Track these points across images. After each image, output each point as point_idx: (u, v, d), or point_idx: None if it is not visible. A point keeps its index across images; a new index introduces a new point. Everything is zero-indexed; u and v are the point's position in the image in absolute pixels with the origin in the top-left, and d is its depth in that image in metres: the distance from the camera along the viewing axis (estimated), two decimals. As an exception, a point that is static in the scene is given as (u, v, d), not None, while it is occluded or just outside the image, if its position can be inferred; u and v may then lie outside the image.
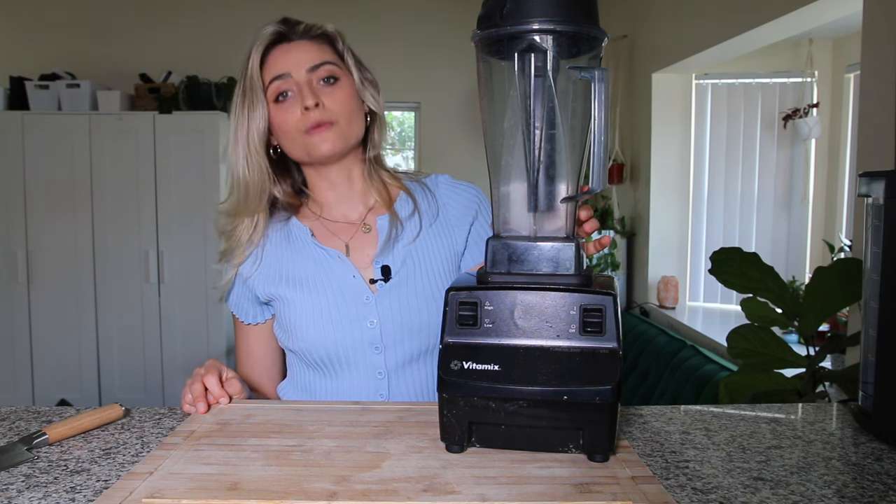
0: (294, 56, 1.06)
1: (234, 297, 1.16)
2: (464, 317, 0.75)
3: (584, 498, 0.65)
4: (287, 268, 1.10)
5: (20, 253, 4.08)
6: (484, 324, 0.74)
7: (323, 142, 1.05)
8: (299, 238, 1.11)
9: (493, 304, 0.74)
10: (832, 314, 1.72)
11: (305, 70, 1.05)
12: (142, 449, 0.81)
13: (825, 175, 4.04)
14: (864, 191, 0.88)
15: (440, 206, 1.15)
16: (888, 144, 1.73)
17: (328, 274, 1.08)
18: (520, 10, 0.73)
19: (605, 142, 0.73)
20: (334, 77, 1.07)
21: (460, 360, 0.73)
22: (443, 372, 0.74)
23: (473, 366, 0.73)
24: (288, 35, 1.07)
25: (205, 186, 4.08)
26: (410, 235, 1.11)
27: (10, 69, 4.22)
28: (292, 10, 1.20)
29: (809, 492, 0.70)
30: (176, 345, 4.17)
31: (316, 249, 1.10)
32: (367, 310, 1.06)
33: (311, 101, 1.03)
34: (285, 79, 1.05)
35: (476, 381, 0.72)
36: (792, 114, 3.71)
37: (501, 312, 0.74)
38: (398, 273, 1.08)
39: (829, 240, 3.78)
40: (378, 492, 0.66)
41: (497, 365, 0.73)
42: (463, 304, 0.75)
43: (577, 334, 0.73)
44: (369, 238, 1.11)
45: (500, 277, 0.77)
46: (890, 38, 1.75)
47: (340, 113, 1.06)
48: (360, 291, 1.07)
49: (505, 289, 0.75)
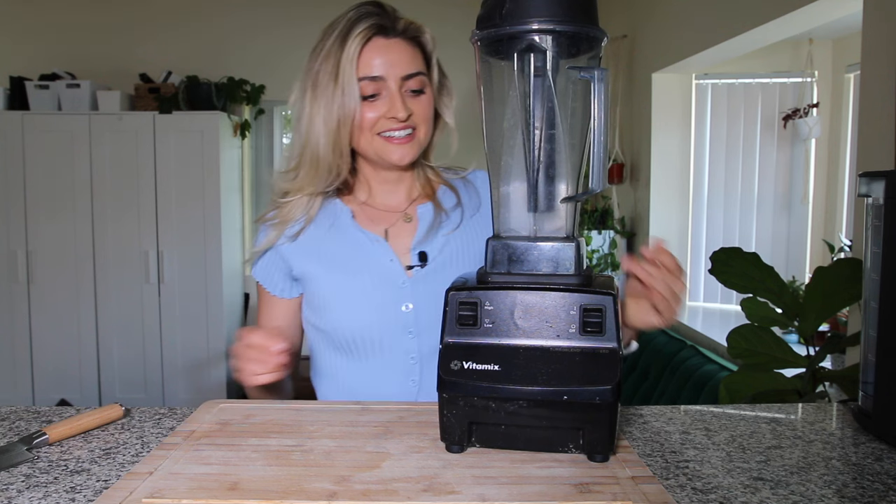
0: (391, 58, 1.04)
1: (263, 267, 1.14)
2: (464, 317, 0.74)
3: (584, 498, 0.65)
4: (325, 246, 1.10)
5: (20, 253, 4.08)
6: (484, 324, 0.74)
7: (399, 151, 1.05)
8: (340, 219, 1.11)
9: (493, 304, 0.74)
10: (832, 314, 1.72)
11: (400, 77, 1.04)
12: (142, 449, 0.81)
13: (825, 175, 4.04)
14: (864, 191, 0.88)
15: (482, 199, 1.17)
16: (888, 144, 1.73)
17: (365, 256, 1.09)
18: (519, 11, 0.73)
19: (605, 141, 0.73)
20: (422, 88, 1.07)
21: (460, 360, 0.73)
22: (443, 372, 0.74)
23: (473, 366, 0.73)
24: (387, 29, 1.04)
25: (205, 186, 4.08)
26: (451, 226, 1.12)
27: (10, 69, 4.22)
28: (293, 10, 1.19)
29: (809, 492, 0.70)
30: (176, 345, 4.17)
31: (355, 232, 1.10)
32: (402, 294, 1.07)
33: (402, 114, 1.03)
34: (377, 81, 1.03)
35: (476, 381, 0.72)
36: (792, 114, 3.71)
37: (501, 312, 0.74)
38: (435, 260, 1.09)
39: (829, 240, 3.78)
40: (378, 492, 0.66)
41: (497, 365, 0.72)
42: (463, 304, 0.75)
43: (578, 334, 0.73)
44: (409, 227, 1.12)
45: (500, 277, 0.77)
46: (890, 38, 1.75)
47: (421, 123, 1.07)
48: (396, 275, 1.08)
49: (505, 289, 0.75)
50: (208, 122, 4.06)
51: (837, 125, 3.95)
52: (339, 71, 1.02)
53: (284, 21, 4.38)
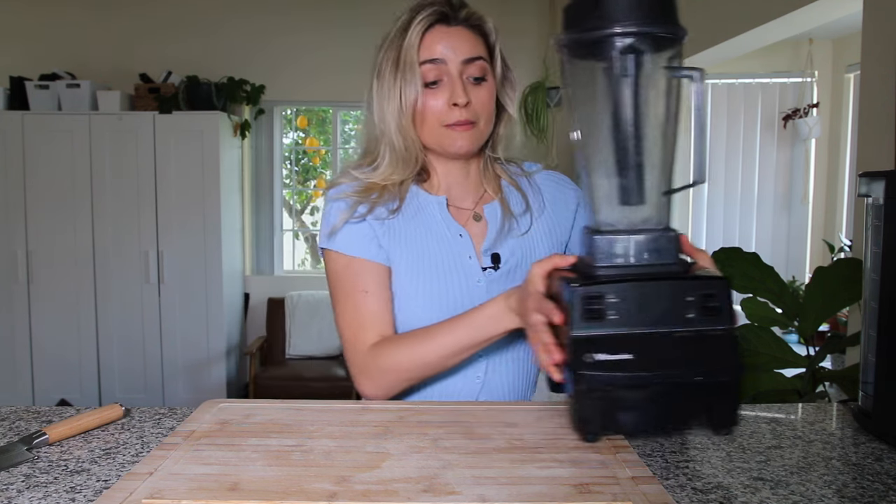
0: (452, 43, 1.04)
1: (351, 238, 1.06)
2: (590, 310, 0.77)
3: (584, 498, 0.65)
4: (410, 232, 1.08)
5: (20, 253, 4.08)
6: (608, 316, 0.76)
7: (460, 139, 1.05)
8: (428, 206, 1.10)
9: (616, 296, 0.77)
10: (832, 314, 1.72)
11: (461, 61, 1.04)
12: (142, 449, 0.81)
13: (825, 175, 4.04)
14: (864, 191, 0.88)
15: (545, 198, 1.16)
16: (888, 144, 1.73)
17: (448, 249, 1.08)
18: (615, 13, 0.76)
19: (705, 135, 0.78)
20: (483, 76, 1.06)
21: (591, 353, 0.76)
22: (577, 366, 0.76)
23: (606, 357, 0.75)
24: (449, 17, 1.05)
25: (205, 186, 4.08)
26: (522, 229, 1.12)
27: (10, 69, 4.22)
28: (293, 10, 1.19)
29: (809, 492, 0.70)
30: (176, 345, 4.17)
31: (441, 222, 1.09)
32: (478, 293, 1.07)
33: (462, 100, 1.02)
34: (439, 65, 1.03)
35: (610, 371, 0.75)
36: (792, 114, 3.71)
37: (624, 304, 0.77)
38: (507, 262, 1.09)
39: (829, 240, 3.78)
40: (378, 492, 0.66)
41: (628, 354, 0.76)
42: (587, 298, 0.77)
43: (696, 319, 0.77)
44: (479, 226, 1.12)
45: (611, 270, 0.79)
46: (890, 38, 1.75)
47: (482, 113, 1.06)
48: (474, 273, 1.07)
49: (626, 281, 0.77)
50: (208, 122, 4.06)
51: (837, 125, 3.95)
52: (400, 58, 1.03)
53: (284, 21, 4.38)
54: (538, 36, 4.41)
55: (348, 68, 4.33)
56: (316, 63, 4.45)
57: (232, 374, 4.35)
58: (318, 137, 5.12)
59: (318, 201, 5.40)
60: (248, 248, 4.67)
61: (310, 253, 5.43)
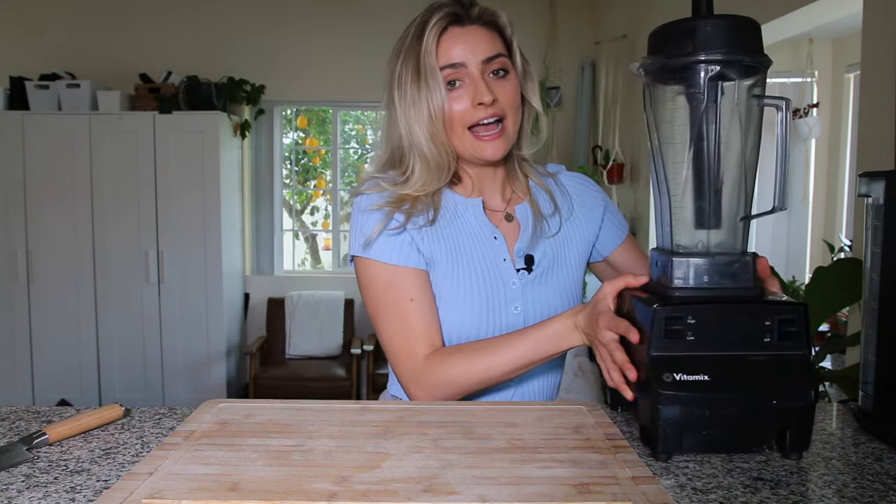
0: (468, 44, 1.03)
1: (391, 247, 1.04)
2: (671, 331, 0.79)
3: (584, 498, 0.65)
4: (448, 235, 1.07)
5: (20, 253, 4.08)
6: (688, 337, 0.78)
7: (491, 147, 1.04)
8: (464, 210, 1.09)
9: (696, 317, 0.79)
10: (832, 314, 1.73)
11: (480, 61, 1.03)
12: (142, 449, 0.81)
13: (825, 175, 4.04)
14: (864, 191, 0.88)
15: (573, 199, 1.16)
16: (888, 144, 1.73)
17: (484, 251, 1.07)
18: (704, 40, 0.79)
19: (787, 163, 0.79)
20: (504, 70, 1.05)
21: (671, 372, 0.77)
22: (659, 385, 0.77)
23: (685, 377, 0.77)
24: (462, 18, 1.04)
25: (205, 186, 4.08)
26: (552, 230, 1.12)
27: (10, 69, 4.22)
28: (293, 10, 1.19)
29: (809, 492, 0.70)
30: (176, 345, 4.17)
31: (476, 225, 1.08)
32: (513, 295, 1.06)
33: (487, 98, 1.01)
34: (458, 68, 1.02)
35: (689, 391, 0.77)
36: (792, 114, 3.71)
37: (703, 325, 0.79)
38: (539, 264, 1.09)
39: (829, 240, 3.78)
40: (378, 492, 0.66)
41: (706, 375, 0.77)
42: (669, 318, 0.79)
43: (774, 343, 0.79)
44: (511, 227, 1.11)
45: (687, 292, 0.81)
46: (890, 38, 1.75)
47: (509, 107, 1.05)
48: (508, 275, 1.07)
49: (706, 303, 0.80)
50: (208, 122, 4.06)
51: (837, 125, 3.95)
52: (419, 66, 1.02)
53: (284, 21, 4.38)
54: (538, 36, 4.41)
55: (348, 68, 4.34)
56: (316, 63, 4.45)
57: (232, 374, 4.35)
58: (318, 137, 5.12)
59: (317, 201, 5.41)
60: (248, 248, 4.67)
61: (310, 253, 5.43)
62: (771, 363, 0.78)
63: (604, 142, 4.18)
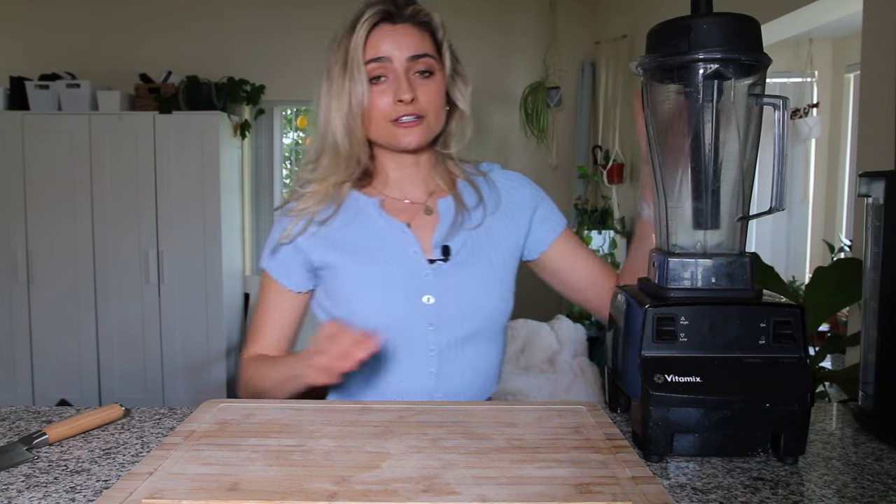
0: (396, 41, 1.05)
1: (279, 262, 1.13)
2: (662, 332, 0.78)
3: (584, 498, 0.65)
4: (349, 236, 1.10)
5: (20, 253, 4.08)
6: (680, 338, 0.78)
7: (408, 135, 1.06)
8: (365, 209, 1.11)
9: (688, 318, 0.78)
10: (832, 314, 1.73)
11: (406, 58, 1.05)
12: (142, 449, 0.81)
13: (825, 175, 4.04)
14: (864, 191, 0.88)
15: (501, 195, 1.17)
16: (888, 144, 1.73)
17: (389, 246, 1.09)
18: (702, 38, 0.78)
19: (785, 163, 0.78)
20: (430, 70, 1.07)
21: (662, 374, 0.76)
22: (648, 386, 0.76)
23: (675, 378, 0.76)
24: (394, 15, 1.06)
25: (205, 186, 4.08)
26: (474, 222, 1.13)
27: (10, 69, 4.21)
28: (293, 10, 1.20)
29: (809, 492, 0.70)
30: (176, 345, 4.17)
31: (381, 221, 1.10)
32: (424, 285, 1.07)
33: (407, 96, 1.04)
34: (384, 62, 1.05)
35: (680, 392, 0.76)
36: (792, 114, 3.71)
37: (696, 326, 0.78)
38: (458, 254, 1.10)
39: (829, 240, 3.78)
40: (378, 492, 0.66)
41: (698, 377, 0.76)
42: (661, 319, 0.78)
43: (769, 345, 0.78)
44: (430, 220, 1.12)
45: (681, 293, 0.80)
46: (890, 38, 1.75)
47: (430, 108, 1.07)
48: (419, 266, 1.08)
49: (698, 304, 0.78)
50: (208, 122, 4.05)
51: (837, 125, 3.95)
52: (347, 58, 1.05)
53: (285, 21, 4.38)
54: (538, 36, 4.41)
55: (348, 68, 4.33)
56: (316, 63, 4.43)
57: (232, 374, 4.35)
58: (318, 137, 5.11)
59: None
60: (248, 249, 4.67)
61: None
62: (766, 366, 0.77)
63: (604, 142, 4.18)
